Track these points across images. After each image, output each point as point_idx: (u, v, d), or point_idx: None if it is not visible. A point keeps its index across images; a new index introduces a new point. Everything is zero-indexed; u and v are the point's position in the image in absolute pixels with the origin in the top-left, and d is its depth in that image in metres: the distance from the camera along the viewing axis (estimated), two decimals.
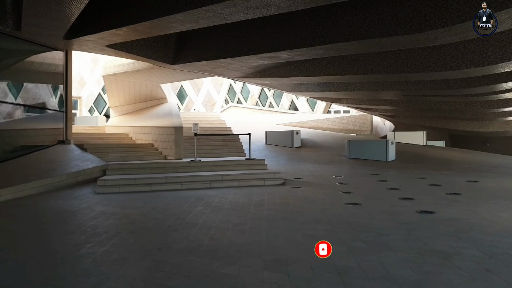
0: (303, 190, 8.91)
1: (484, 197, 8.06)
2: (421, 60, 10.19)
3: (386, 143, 14.88)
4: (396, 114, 24.84)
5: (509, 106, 17.26)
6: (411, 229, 5.40)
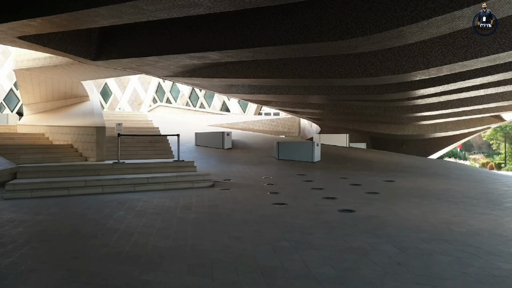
0: (232, 192, 8.91)
1: (399, 195, 8.71)
2: (344, 67, 10.74)
3: (312, 144, 15.48)
4: (322, 117, 26.01)
5: (421, 111, 18.92)
6: (333, 227, 5.64)
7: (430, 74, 10.52)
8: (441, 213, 6.78)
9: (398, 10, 6.60)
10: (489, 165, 42.88)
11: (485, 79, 12.08)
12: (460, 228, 5.63)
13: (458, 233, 5.37)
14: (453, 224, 5.88)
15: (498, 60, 9.70)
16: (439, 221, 6.08)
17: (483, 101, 17.53)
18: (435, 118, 21.88)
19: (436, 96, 14.87)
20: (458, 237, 5.15)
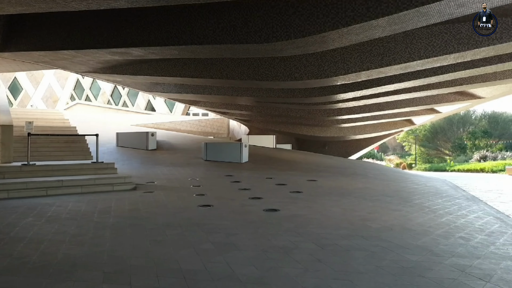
0: (156, 195, 8.59)
1: (321, 194, 9.07)
2: (270, 70, 10.95)
3: (240, 145, 15.57)
4: (250, 119, 26.35)
5: (342, 114, 20.02)
6: (258, 227, 5.67)
7: (350, 79, 11.14)
8: (358, 210, 7.18)
9: (321, 17, 6.88)
10: (402, 165, 46.79)
11: (398, 86, 13.11)
12: (375, 224, 6.00)
13: (373, 229, 5.71)
14: (369, 221, 6.25)
15: (409, 68, 10.59)
16: (357, 218, 6.43)
17: (397, 106, 19.05)
18: (355, 121, 23.31)
19: (356, 100, 15.82)
20: (373, 232, 5.48)
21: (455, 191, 11.33)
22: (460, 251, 4.68)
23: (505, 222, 6.68)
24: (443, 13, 6.38)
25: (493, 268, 4.07)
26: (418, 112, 23.36)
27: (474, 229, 5.96)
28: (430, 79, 12.55)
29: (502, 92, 19.26)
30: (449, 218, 6.81)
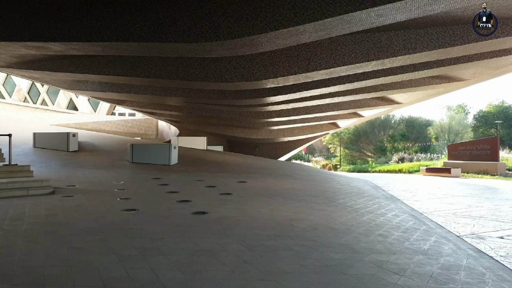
0: (76, 199, 8.02)
1: (250, 195, 9.12)
2: (200, 70, 10.80)
3: (169, 147, 15.16)
4: (181, 120, 25.83)
5: (272, 117, 20.41)
6: (185, 230, 5.53)
7: (279, 83, 11.38)
8: (286, 210, 7.33)
9: (250, 19, 6.92)
10: (328, 166, 49.01)
11: (324, 90, 13.68)
12: (301, 224, 6.16)
13: (299, 228, 5.86)
14: (295, 221, 6.40)
15: (334, 73, 11.09)
16: (284, 218, 6.55)
17: (323, 109, 19.89)
18: (284, 123, 23.92)
19: (285, 104, 16.22)
20: (299, 232, 5.61)
21: (376, 190, 12.08)
22: (379, 248, 4.96)
23: (418, 219, 7.24)
24: (365, 22, 6.76)
25: (407, 262, 4.36)
26: (343, 115, 24.63)
27: (392, 227, 6.36)
28: (353, 85, 13.28)
29: (417, 98, 21.03)
30: (370, 216, 7.21)
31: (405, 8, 6.23)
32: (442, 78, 15.55)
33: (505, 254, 4.80)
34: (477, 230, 6.25)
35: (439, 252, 4.79)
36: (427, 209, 8.49)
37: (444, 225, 6.60)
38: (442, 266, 4.22)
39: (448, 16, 8.89)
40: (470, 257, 4.64)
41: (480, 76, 15.81)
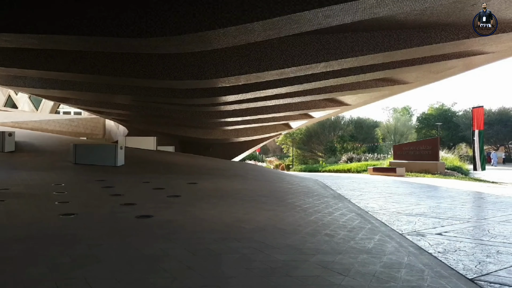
0: (8, 204, 7.38)
1: (200, 197, 8.89)
2: (147, 67, 10.40)
3: (115, 148, 14.51)
4: (129, 119, 24.92)
5: (224, 117, 20.22)
6: (126, 235, 5.22)
7: (230, 82, 11.24)
8: (235, 212, 7.19)
9: (197, 15, 6.71)
10: (281, 166, 49.59)
11: (275, 91, 13.72)
12: (249, 225, 6.05)
13: (247, 230, 5.74)
14: (244, 222, 6.29)
15: (284, 74, 11.13)
16: (232, 220, 6.41)
17: (275, 110, 20.00)
18: (237, 124, 23.81)
19: (237, 104, 16.10)
20: (247, 234, 5.50)
21: (324, 190, 12.28)
22: (325, 248, 4.95)
23: (364, 218, 7.39)
24: (313, 22, 6.79)
25: (352, 262, 4.38)
26: (294, 116, 24.96)
27: (338, 226, 6.43)
28: (303, 86, 13.44)
29: (365, 100, 21.75)
30: (318, 216, 7.26)
31: (351, 9, 6.32)
32: (387, 81, 16.16)
33: (442, 250, 4.97)
34: (418, 227, 6.47)
35: (382, 251, 4.87)
36: (372, 207, 8.72)
37: (388, 224, 6.77)
38: (384, 265, 4.27)
39: (393, 21, 9.20)
40: (411, 254, 4.75)
41: (422, 80, 16.63)
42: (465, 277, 3.97)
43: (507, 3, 8.04)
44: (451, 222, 6.93)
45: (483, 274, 4.06)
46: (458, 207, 8.98)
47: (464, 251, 4.97)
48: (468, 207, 9.35)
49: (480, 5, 8.04)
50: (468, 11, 8.49)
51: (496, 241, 5.53)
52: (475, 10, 8.35)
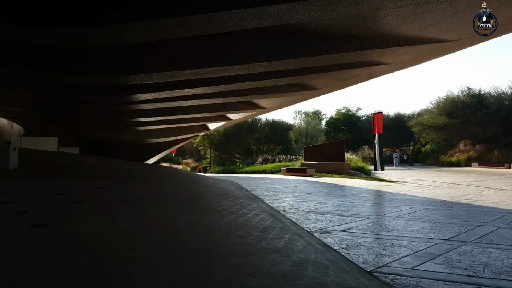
0: None
1: (107, 203, 8.34)
2: (46, 59, 9.49)
3: (7, 149, 12.99)
4: (25, 117, 22.57)
5: (136, 117, 19.34)
6: (15, 249, 4.66)
7: (142, 80, 10.77)
8: (145, 218, 6.87)
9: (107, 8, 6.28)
10: (198, 168, 49.10)
11: (190, 91, 13.49)
12: (161, 230, 5.81)
13: (159, 235, 5.51)
14: (156, 227, 6.02)
15: (200, 75, 10.98)
16: (142, 226, 6.10)
17: (191, 111, 19.69)
18: (150, 124, 22.96)
19: (150, 103, 15.51)
20: (158, 239, 5.27)
21: (240, 191, 12.37)
22: (237, 250, 4.95)
23: (276, 217, 7.57)
24: (228, 23, 6.79)
25: (262, 262, 4.42)
26: (212, 118, 24.86)
27: (251, 227, 6.48)
28: (220, 87, 13.42)
29: (279, 104, 22.47)
30: (231, 218, 7.25)
31: (264, 14, 6.44)
32: (299, 86, 16.89)
33: (346, 246, 5.28)
34: (325, 225, 6.81)
35: (292, 249, 5.01)
36: (284, 207, 8.99)
37: (298, 222, 7.02)
38: (293, 263, 4.39)
39: (304, 28, 9.61)
40: (318, 251, 4.96)
41: (331, 86, 17.69)
42: (365, 270, 4.26)
43: (401, 20, 8.89)
44: (354, 219, 7.43)
45: (380, 266, 4.39)
46: (360, 205, 9.69)
47: (364, 246, 5.34)
48: (369, 205, 10.13)
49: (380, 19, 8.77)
50: (369, 24, 9.21)
51: (391, 235, 6.05)
52: (375, 23, 9.09)
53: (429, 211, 8.59)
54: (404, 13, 8.34)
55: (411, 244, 5.38)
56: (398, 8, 7.77)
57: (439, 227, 6.70)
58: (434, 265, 4.41)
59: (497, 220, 7.30)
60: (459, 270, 4.22)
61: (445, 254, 4.87)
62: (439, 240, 5.63)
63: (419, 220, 7.42)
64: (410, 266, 4.37)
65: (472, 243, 5.45)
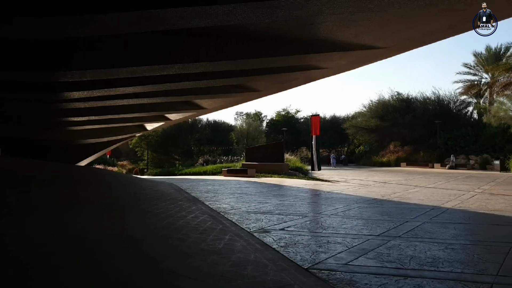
0: None
1: (34, 207, 7.77)
2: None
3: None
4: None
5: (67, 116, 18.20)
6: None
7: (74, 77, 10.18)
8: (75, 223, 6.51)
9: None
10: (135, 170, 47.42)
11: (127, 90, 12.99)
12: (92, 236, 5.53)
13: (90, 241, 5.23)
14: (86, 233, 5.72)
15: (137, 73, 10.62)
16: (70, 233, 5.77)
17: (128, 110, 18.94)
18: (83, 124, 21.72)
19: (82, 102, 14.70)
20: (89, 245, 5.00)
21: (179, 193, 12.16)
22: (176, 253, 4.85)
23: (216, 218, 7.53)
24: (167, 21, 6.62)
25: (202, 264, 4.37)
26: (150, 118, 24.12)
27: (190, 229, 6.39)
28: (159, 87, 13.08)
29: (220, 105, 22.39)
30: (170, 220, 7.10)
31: (205, 14, 6.37)
32: (240, 87, 16.96)
33: (284, 245, 5.39)
34: (264, 225, 6.91)
35: (231, 250, 5.02)
36: (224, 208, 8.98)
37: (238, 223, 7.04)
38: (233, 264, 4.40)
39: (245, 30, 9.66)
40: (257, 251, 5.02)
41: (271, 89, 17.98)
42: (302, 267, 4.37)
43: (337, 26, 9.28)
44: (292, 218, 7.62)
45: (316, 263, 4.54)
46: (298, 204, 9.96)
47: (302, 243, 5.49)
48: (306, 204, 10.46)
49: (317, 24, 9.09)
50: (308, 29, 9.50)
51: (327, 233, 6.29)
52: (313, 28, 9.40)
53: (362, 208, 9.05)
54: (340, 20, 8.72)
55: (346, 241, 5.63)
56: (334, 15, 8.10)
57: (371, 223, 7.08)
58: (366, 260, 4.65)
59: (422, 216, 7.89)
60: (388, 264, 4.49)
61: (376, 249, 5.16)
62: (371, 236, 5.95)
63: (353, 217, 7.80)
64: (344, 262, 4.57)
65: (400, 238, 5.83)
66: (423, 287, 3.73)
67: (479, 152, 32.49)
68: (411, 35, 9.86)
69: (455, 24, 8.86)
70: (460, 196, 11.30)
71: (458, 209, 8.79)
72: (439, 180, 18.16)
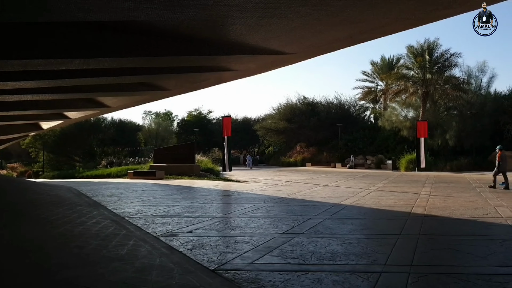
0: None
1: None
2: None
3: None
4: None
5: None
6: None
7: None
8: None
9: None
10: (28, 173, 42.93)
11: (19, 84, 11.71)
12: None
13: None
14: None
15: (30, 66, 9.63)
16: None
17: (19, 107, 17.08)
18: None
19: None
20: None
21: (78, 198, 11.30)
22: (73, 262, 4.50)
23: (119, 224, 7.15)
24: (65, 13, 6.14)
25: (102, 272, 4.11)
26: (46, 116, 22.03)
27: (90, 235, 5.98)
28: (56, 82, 12.01)
29: (126, 103, 21.33)
30: (67, 227, 6.56)
31: (109, 7, 6.04)
32: (148, 85, 16.35)
33: (191, 247, 5.33)
34: (171, 228, 6.75)
35: (135, 256, 4.81)
36: (129, 212, 8.57)
37: (143, 227, 6.77)
38: (136, 269, 4.22)
39: (154, 27, 9.34)
40: (163, 255, 4.88)
41: (181, 88, 17.67)
42: (208, 269, 4.36)
43: (246, 30, 9.47)
44: (201, 220, 7.57)
45: (223, 264, 4.56)
46: (208, 205, 9.94)
47: (209, 245, 5.48)
48: (216, 205, 10.48)
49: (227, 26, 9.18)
50: (218, 30, 9.53)
51: (235, 233, 6.38)
52: (223, 30, 9.46)
53: (269, 207, 9.36)
54: (249, 24, 8.90)
55: (252, 240, 5.76)
56: (243, 18, 8.24)
57: (277, 222, 7.36)
58: (271, 257, 4.81)
59: (323, 213, 8.42)
60: (291, 260, 4.71)
61: (281, 246, 5.36)
62: (276, 234, 6.17)
63: (260, 216, 8.02)
64: (250, 261, 4.67)
65: (303, 235, 6.15)
66: (322, 280, 3.97)
67: (375, 152, 35.83)
68: (315, 42, 10.47)
69: (353, 34, 9.64)
70: (357, 194, 12.32)
71: (356, 206, 9.58)
72: (340, 179, 19.59)
